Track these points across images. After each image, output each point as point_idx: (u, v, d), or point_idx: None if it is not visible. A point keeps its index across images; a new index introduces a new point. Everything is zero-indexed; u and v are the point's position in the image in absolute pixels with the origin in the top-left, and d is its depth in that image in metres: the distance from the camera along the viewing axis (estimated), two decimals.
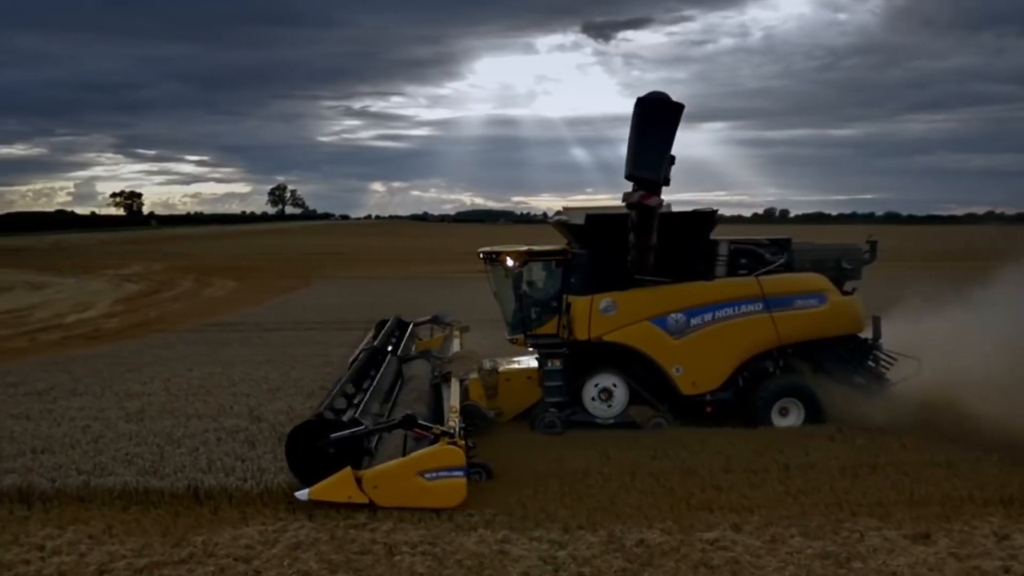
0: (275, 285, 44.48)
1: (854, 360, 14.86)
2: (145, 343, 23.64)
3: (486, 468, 11.48)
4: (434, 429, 10.74)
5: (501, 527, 9.78)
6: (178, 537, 9.50)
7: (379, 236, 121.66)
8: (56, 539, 9.42)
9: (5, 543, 9.34)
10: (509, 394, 14.82)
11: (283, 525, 9.81)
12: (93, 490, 10.78)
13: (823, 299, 14.51)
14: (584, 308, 14.42)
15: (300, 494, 10.23)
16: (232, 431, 13.38)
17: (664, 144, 11.75)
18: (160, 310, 33.96)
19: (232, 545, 9.24)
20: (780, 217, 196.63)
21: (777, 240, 15.32)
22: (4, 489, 10.75)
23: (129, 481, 10.93)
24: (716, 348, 14.33)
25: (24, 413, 14.48)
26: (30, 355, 22.08)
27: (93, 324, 29.86)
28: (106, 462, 11.72)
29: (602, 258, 14.40)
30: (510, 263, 14.88)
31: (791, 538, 9.50)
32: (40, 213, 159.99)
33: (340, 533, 9.58)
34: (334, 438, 10.60)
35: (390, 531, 9.63)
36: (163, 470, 11.39)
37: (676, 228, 14.12)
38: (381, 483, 10.18)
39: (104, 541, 9.40)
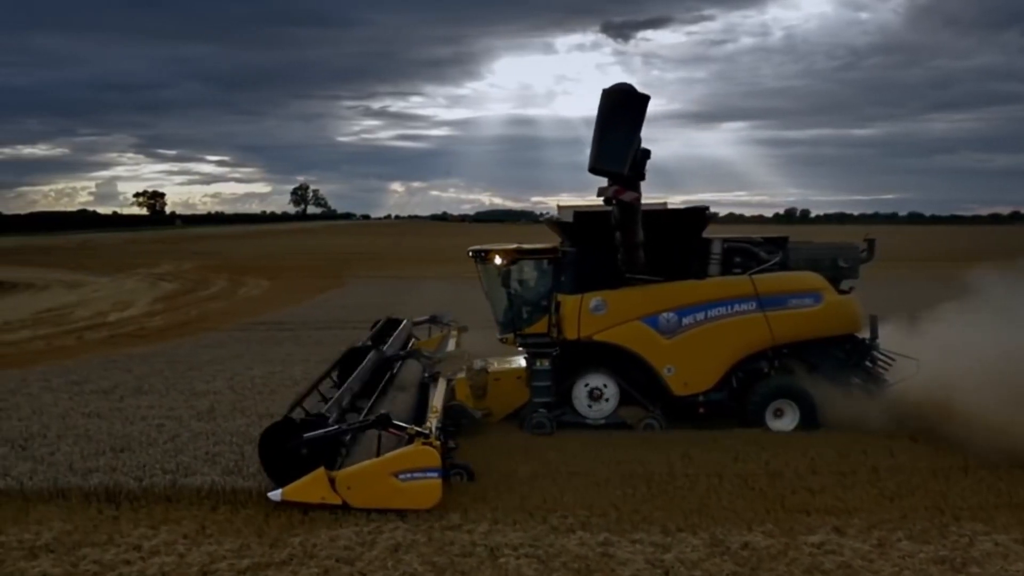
0: (309, 284, 44.49)
1: (851, 361, 14.56)
2: (198, 342, 23.60)
3: (467, 469, 11.32)
4: (408, 429, 10.55)
5: (599, 529, 9.65)
6: (273, 538, 9.39)
7: (401, 235, 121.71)
8: (151, 539, 9.33)
9: (100, 543, 9.25)
10: (499, 394, 14.60)
11: (377, 526, 9.68)
12: (180, 489, 10.69)
13: (818, 298, 14.23)
14: (574, 307, 14.21)
15: (273, 495, 10.09)
16: None
17: (629, 136, 11.31)
18: (200, 309, 33.99)
19: (331, 546, 9.12)
20: (801, 217, 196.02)
21: (772, 238, 15.07)
22: (91, 488, 10.67)
23: (216, 481, 10.83)
24: (708, 348, 14.08)
25: (95, 411, 14.44)
26: (80, 353, 22.12)
27: (136, 323, 29.91)
28: (188, 461, 11.62)
29: (592, 256, 14.19)
30: (498, 261, 14.71)
31: (898, 542, 9.33)
32: (63, 213, 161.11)
33: (437, 535, 9.45)
34: (307, 438, 10.44)
35: (487, 533, 9.51)
36: (246, 470, 11.25)
37: (667, 225, 13.95)
38: (354, 484, 10.05)
39: (200, 541, 9.30)
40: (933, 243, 77.19)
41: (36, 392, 16.19)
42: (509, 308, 14.94)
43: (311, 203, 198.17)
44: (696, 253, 14.41)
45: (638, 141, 11.46)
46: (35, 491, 10.60)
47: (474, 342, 17.43)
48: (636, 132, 11.30)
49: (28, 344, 24.68)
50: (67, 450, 12.12)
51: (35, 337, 26.26)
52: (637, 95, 11.28)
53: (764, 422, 14.01)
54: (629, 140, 11.28)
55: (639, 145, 11.57)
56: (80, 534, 9.47)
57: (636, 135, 11.30)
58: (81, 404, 15.12)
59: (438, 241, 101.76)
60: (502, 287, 14.77)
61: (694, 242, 14.44)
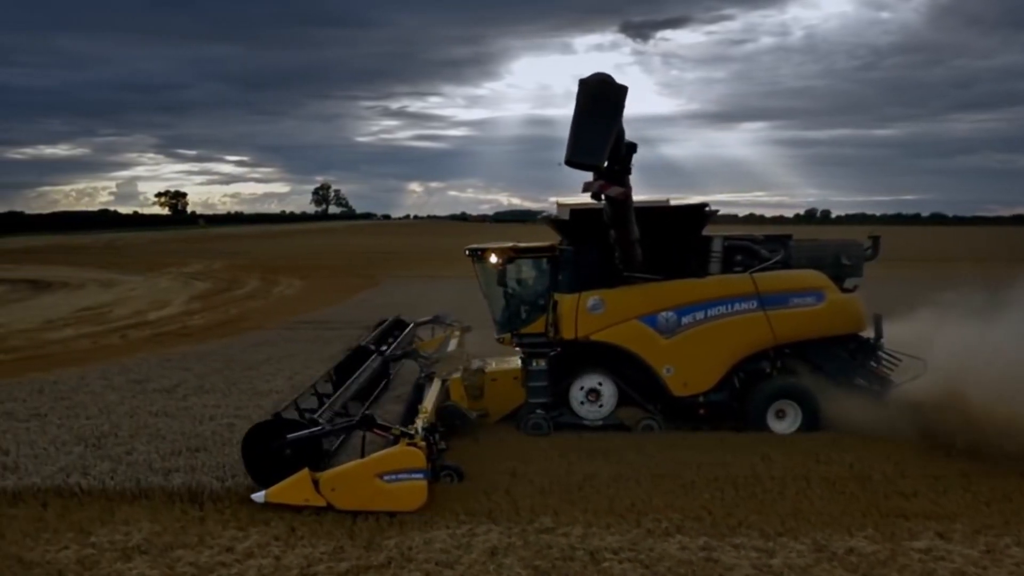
0: (342, 284, 44.42)
1: (855, 361, 14.26)
2: (247, 341, 23.51)
3: (457, 470, 11.15)
4: (393, 430, 10.42)
5: (696, 533, 9.46)
6: (366, 540, 9.23)
7: (424, 235, 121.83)
8: (243, 541, 9.19)
9: (191, 544, 9.11)
10: (495, 395, 14.42)
11: (469, 528, 9.52)
12: None
13: (821, 297, 13.95)
14: (571, 306, 13.97)
15: (256, 496, 9.96)
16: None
17: (606, 128, 10.84)
18: (239, 308, 33.95)
19: (427, 549, 8.95)
20: (822, 218, 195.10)
21: (774, 236, 14.78)
22: (174, 488, 10.56)
23: None
24: (708, 348, 13.83)
25: (162, 411, 14.35)
26: (127, 352, 22.09)
27: (177, 321, 29.88)
28: None
29: (589, 254, 13.98)
30: (494, 260, 14.51)
31: (1007, 548, 9.11)
32: (84, 212, 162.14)
33: (532, 538, 9.27)
34: (290, 439, 10.31)
35: (583, 536, 9.32)
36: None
37: (666, 223, 13.77)
38: (339, 485, 9.91)
39: (293, 543, 9.15)
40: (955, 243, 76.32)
41: (99, 390, 16.11)
42: (506, 308, 14.80)
43: (332, 203, 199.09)
44: (696, 251, 14.19)
45: (620, 133, 11.15)
46: (118, 491, 10.48)
47: (479, 343, 17.10)
48: (614, 124, 10.90)
49: (74, 343, 24.68)
50: (143, 449, 12.02)
51: (79, 335, 26.27)
52: (615, 85, 10.90)
53: (765, 423, 13.76)
54: (606, 132, 10.84)
55: (623, 138, 11.31)
56: (170, 535, 9.34)
57: (614, 127, 10.89)
58: (147, 403, 15.02)
59: (462, 241, 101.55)
60: (499, 286, 14.61)
61: (694, 240, 14.22)
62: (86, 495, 10.45)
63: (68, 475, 10.87)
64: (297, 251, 79.18)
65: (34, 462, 11.32)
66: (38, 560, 8.72)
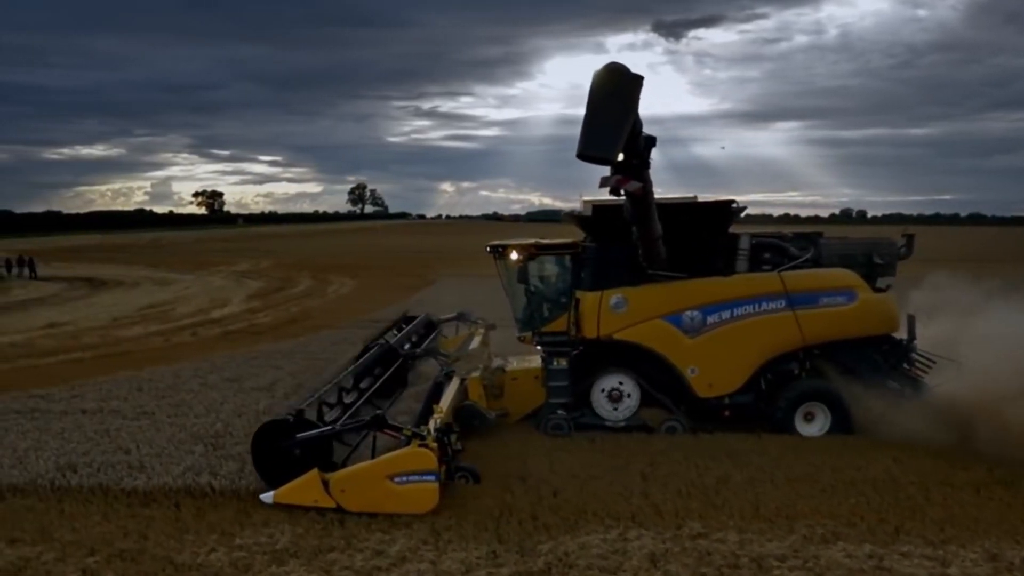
0: (395, 283, 44.28)
1: (887, 363, 13.77)
2: (325, 338, 23.42)
3: (472, 472, 10.90)
4: (404, 431, 10.16)
5: (857, 539, 9.15)
6: (518, 544, 8.99)
7: (462, 234, 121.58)
8: (391, 544, 8.97)
9: (340, 547, 8.89)
10: (516, 394, 14.14)
11: (619, 533, 9.27)
12: None
13: (852, 296, 13.51)
14: (593, 304, 13.61)
15: (265, 497, 9.84)
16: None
17: (620, 120, 10.50)
18: (300, 306, 33.96)
19: (584, 554, 8.69)
20: (858, 218, 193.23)
21: (804, 234, 14.38)
22: None
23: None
24: (734, 348, 13.42)
25: (268, 410, 14.12)
26: (202, 350, 22.13)
27: (243, 319, 29.92)
28: None
29: (612, 251, 13.64)
30: (515, 256, 14.22)
31: None
32: (120, 212, 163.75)
33: (688, 544, 9.00)
34: (300, 438, 10.12)
35: (740, 542, 9.04)
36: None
37: (692, 220, 13.46)
38: (349, 486, 9.75)
39: (443, 547, 8.90)
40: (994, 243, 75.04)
41: (197, 388, 16.04)
42: (527, 305, 14.48)
43: (368, 202, 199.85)
44: (722, 248, 13.80)
45: (637, 125, 10.78)
46: (250, 491, 10.28)
47: (505, 341, 16.69)
48: (628, 116, 10.54)
49: (147, 340, 24.76)
50: None
51: (150, 333, 26.33)
52: (629, 75, 10.56)
53: (793, 426, 13.33)
54: (620, 124, 10.49)
55: (640, 131, 10.94)
56: (314, 538, 9.13)
57: (628, 119, 10.54)
58: (250, 401, 14.89)
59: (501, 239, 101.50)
60: (520, 283, 14.31)
61: (720, 237, 13.83)
62: (218, 496, 10.33)
63: (197, 475, 10.76)
64: (339, 250, 79.42)
65: (159, 461, 11.16)
66: (189, 562, 8.53)
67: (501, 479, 11.06)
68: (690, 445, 12.77)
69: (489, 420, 13.23)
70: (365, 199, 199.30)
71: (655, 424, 13.59)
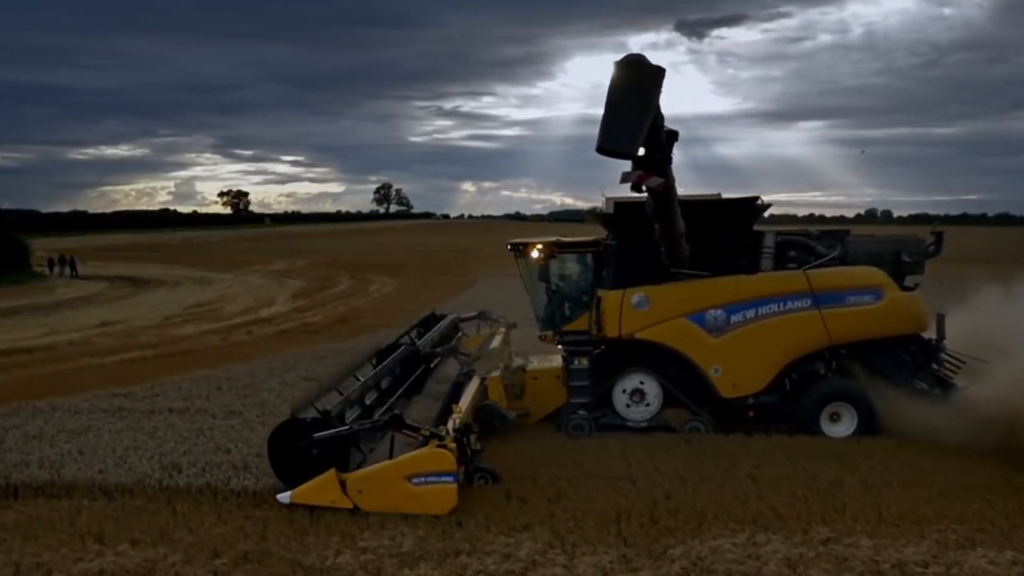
0: (435, 282, 44.27)
1: (915, 363, 13.50)
2: (384, 338, 23.19)
3: (492, 473, 10.76)
4: (422, 431, 10.06)
5: (996, 546, 8.86)
6: (646, 548, 8.80)
7: (488, 234, 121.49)
8: (517, 548, 8.77)
9: (466, 551, 8.71)
10: (536, 394, 13.97)
11: (748, 537, 9.06)
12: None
13: (879, 295, 13.24)
14: (615, 303, 13.41)
15: (282, 497, 9.72)
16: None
17: (640, 114, 10.18)
18: (347, 306, 33.97)
19: (718, 559, 8.50)
20: (884, 218, 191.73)
21: (830, 231, 14.16)
22: None
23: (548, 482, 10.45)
24: (759, 348, 13.18)
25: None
26: (261, 349, 22.12)
27: (293, 319, 29.93)
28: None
29: (634, 249, 13.41)
30: (535, 255, 14.01)
31: None
32: (146, 211, 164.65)
33: (822, 549, 8.78)
34: (317, 438, 9.99)
35: (875, 547, 8.77)
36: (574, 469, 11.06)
37: (716, 217, 13.26)
38: (366, 487, 9.66)
39: (573, 552, 8.73)
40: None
41: (277, 387, 15.99)
42: (549, 304, 14.30)
43: (393, 202, 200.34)
44: (747, 246, 13.57)
45: (658, 119, 10.51)
46: None
47: (529, 340, 16.33)
48: (649, 109, 10.24)
49: (204, 339, 24.82)
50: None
51: (204, 332, 26.36)
52: (650, 68, 10.30)
53: (819, 427, 13.08)
54: (640, 118, 10.18)
55: (662, 125, 10.68)
56: (437, 540, 8.97)
57: (649, 113, 10.24)
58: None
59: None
60: (541, 282, 14.09)
61: (744, 235, 13.60)
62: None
63: None
64: (370, 249, 79.54)
65: (262, 461, 11.00)
66: (318, 565, 8.39)
67: (609, 481, 10.91)
68: (790, 446, 12.54)
69: (509, 420, 13.07)
70: (390, 199, 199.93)
71: (678, 425, 13.42)
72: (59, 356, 21.62)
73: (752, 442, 12.76)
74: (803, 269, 13.46)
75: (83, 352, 22.26)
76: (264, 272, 52.29)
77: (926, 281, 14.03)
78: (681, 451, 12.34)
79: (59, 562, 8.45)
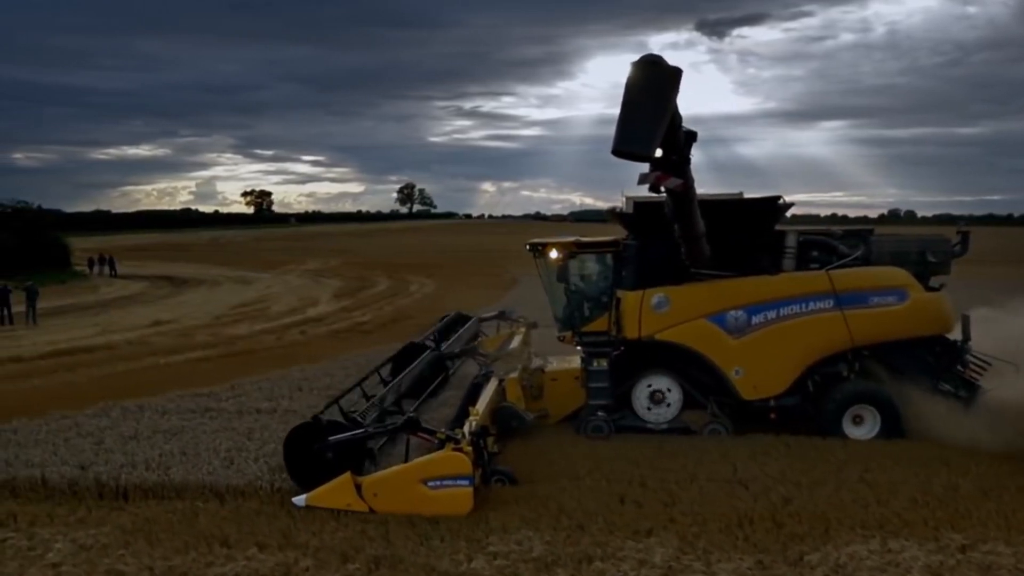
0: (473, 281, 44.27)
1: (939, 364, 13.27)
2: None
3: (508, 475, 10.67)
4: (438, 434, 9.95)
5: None
6: (780, 554, 8.63)
7: (513, 234, 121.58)
8: (648, 552, 8.67)
9: (597, 556, 8.58)
10: (555, 395, 13.86)
11: (880, 543, 8.88)
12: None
13: (903, 296, 13.04)
14: (634, 304, 13.26)
15: (297, 500, 9.67)
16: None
17: (657, 114, 9.94)
18: (393, 305, 34.24)
19: (860, 566, 8.40)
20: (907, 219, 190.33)
21: (854, 231, 13.96)
22: None
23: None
24: (780, 349, 13.00)
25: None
26: (319, 348, 22.22)
27: (340, 318, 30.11)
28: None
29: (654, 249, 13.23)
30: (554, 255, 13.89)
31: None
32: (167, 211, 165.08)
33: (961, 557, 8.59)
34: (333, 441, 9.93)
35: (1016, 556, 8.57)
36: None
37: (737, 217, 13.04)
38: (382, 490, 9.58)
39: (703, 556, 8.60)
40: None
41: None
42: (568, 304, 14.12)
43: (416, 202, 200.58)
44: (768, 246, 13.39)
45: (676, 120, 10.29)
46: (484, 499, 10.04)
47: (550, 341, 16.09)
48: (666, 110, 10.02)
49: (259, 339, 24.93)
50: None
51: (257, 332, 26.43)
52: (667, 68, 10.06)
53: (841, 429, 12.88)
54: (657, 119, 9.95)
55: (679, 125, 10.47)
56: (565, 545, 8.84)
57: (666, 113, 10.02)
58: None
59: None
60: (560, 282, 13.95)
61: (766, 235, 13.42)
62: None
63: None
64: (400, 249, 79.70)
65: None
66: (453, 571, 8.28)
67: (719, 484, 10.80)
68: (895, 450, 12.32)
69: (527, 422, 12.89)
70: (414, 198, 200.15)
71: (698, 427, 13.25)
72: (122, 355, 21.88)
73: (852, 445, 12.59)
74: (826, 269, 13.29)
75: (143, 351, 22.46)
76: (299, 272, 52.51)
77: (951, 281, 13.82)
78: (782, 453, 12.22)
79: (191, 566, 8.38)
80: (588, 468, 11.43)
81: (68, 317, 31.66)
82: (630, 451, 12.31)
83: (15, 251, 45.56)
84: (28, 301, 29.59)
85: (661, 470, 11.40)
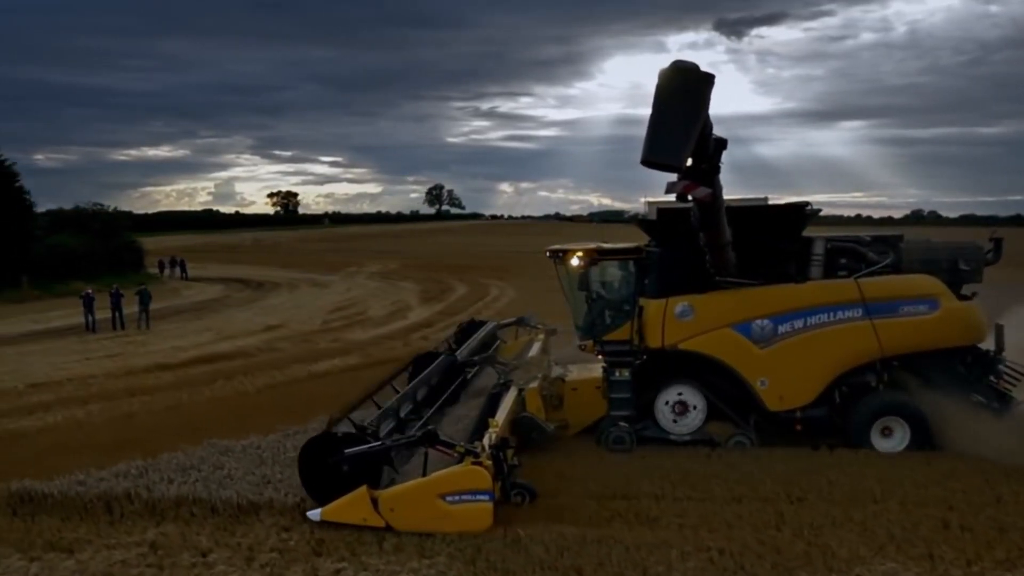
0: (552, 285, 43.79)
1: (972, 375, 13.04)
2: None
3: (529, 490, 10.48)
4: (457, 447, 9.72)
5: None
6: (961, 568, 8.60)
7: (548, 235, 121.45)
8: None
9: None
10: (576, 405, 13.66)
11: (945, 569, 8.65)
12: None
13: (934, 305, 12.78)
14: (657, 312, 13.06)
15: (312, 514, 9.53)
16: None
17: (688, 123, 9.50)
18: (492, 309, 33.97)
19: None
20: (931, 218, 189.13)
21: (883, 237, 13.66)
22: None
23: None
24: (807, 359, 12.76)
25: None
26: None
27: (455, 325, 29.56)
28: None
29: (678, 257, 13.02)
30: (575, 262, 13.64)
31: None
32: (189, 212, 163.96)
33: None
34: (348, 454, 9.71)
35: None
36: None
37: (763, 224, 12.86)
38: (399, 505, 9.36)
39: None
40: None
41: None
42: (589, 313, 13.93)
43: (446, 202, 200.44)
44: (795, 254, 13.17)
45: (707, 127, 9.88)
46: None
47: (568, 346, 16.03)
48: (697, 118, 9.58)
49: (384, 344, 25.11)
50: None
51: (376, 337, 26.99)
52: (699, 74, 9.61)
53: (869, 441, 12.70)
54: (688, 128, 9.52)
55: (710, 133, 10.07)
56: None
57: (697, 122, 9.58)
58: None
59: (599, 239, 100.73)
60: (581, 290, 13.74)
61: (793, 242, 13.19)
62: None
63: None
64: (450, 250, 79.25)
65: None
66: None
67: (753, 502, 10.68)
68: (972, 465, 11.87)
69: (548, 432, 12.71)
70: (442, 199, 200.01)
71: (722, 439, 13.08)
72: (266, 362, 21.81)
73: (917, 458, 12.28)
74: (854, 277, 13.06)
75: (284, 358, 22.40)
76: (366, 274, 52.28)
77: (983, 288, 13.54)
78: (843, 474, 11.71)
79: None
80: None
81: (169, 321, 31.55)
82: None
83: (95, 255, 45.40)
84: (141, 305, 29.80)
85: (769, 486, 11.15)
